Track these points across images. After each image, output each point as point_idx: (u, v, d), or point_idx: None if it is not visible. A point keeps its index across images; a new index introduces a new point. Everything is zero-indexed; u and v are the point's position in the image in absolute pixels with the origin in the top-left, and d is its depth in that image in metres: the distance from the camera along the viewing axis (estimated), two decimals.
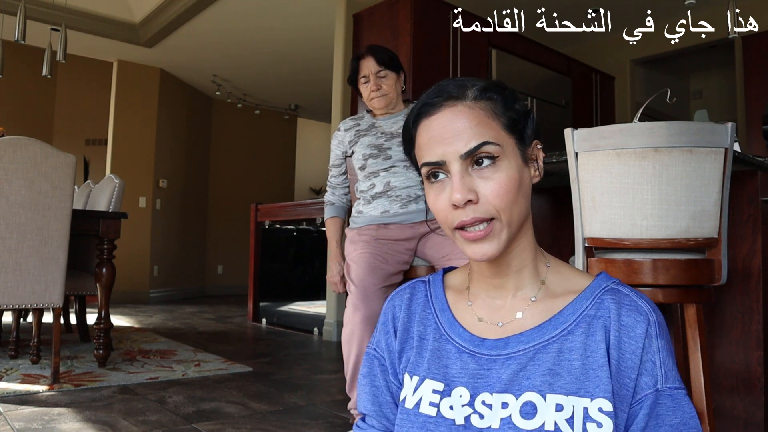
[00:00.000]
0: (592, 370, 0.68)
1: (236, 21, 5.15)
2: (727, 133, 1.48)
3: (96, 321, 3.01)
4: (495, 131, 0.72)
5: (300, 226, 4.78)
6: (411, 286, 0.87)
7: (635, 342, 0.69)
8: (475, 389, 0.72)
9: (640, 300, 0.72)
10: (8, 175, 2.50)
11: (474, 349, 0.75)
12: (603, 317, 0.71)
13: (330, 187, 2.24)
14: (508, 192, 0.71)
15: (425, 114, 0.75)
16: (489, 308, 0.78)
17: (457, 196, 0.70)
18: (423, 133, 0.75)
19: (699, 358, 1.50)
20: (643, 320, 0.70)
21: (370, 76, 2.05)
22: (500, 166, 0.71)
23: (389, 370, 0.83)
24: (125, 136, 6.26)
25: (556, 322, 0.73)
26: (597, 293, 0.73)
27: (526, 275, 0.77)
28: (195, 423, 2.09)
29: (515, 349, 0.72)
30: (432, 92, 0.76)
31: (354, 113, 4.09)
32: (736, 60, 4.88)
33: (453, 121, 0.72)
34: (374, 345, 0.85)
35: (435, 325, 0.80)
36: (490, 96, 0.74)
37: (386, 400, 0.82)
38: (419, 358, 0.78)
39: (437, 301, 0.82)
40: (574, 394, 0.67)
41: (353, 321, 1.87)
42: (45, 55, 4.02)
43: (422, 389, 0.75)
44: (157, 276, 6.45)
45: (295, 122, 8.44)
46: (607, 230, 1.54)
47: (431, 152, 0.73)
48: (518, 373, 0.70)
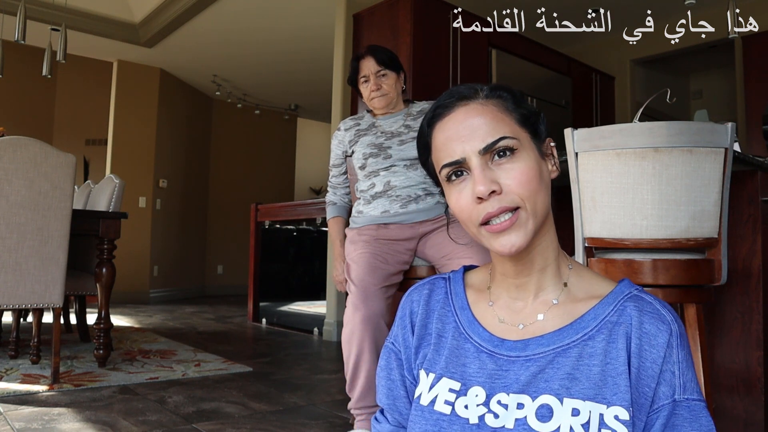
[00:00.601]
0: (611, 377, 0.68)
1: (236, 21, 5.15)
2: (727, 133, 1.48)
3: (96, 321, 3.01)
4: (509, 126, 0.73)
5: (300, 226, 4.78)
6: (431, 282, 0.86)
7: (656, 351, 0.68)
8: (492, 389, 0.72)
9: (663, 309, 0.71)
10: (8, 175, 2.50)
11: (493, 349, 0.74)
12: (625, 324, 0.70)
13: (331, 187, 2.24)
14: (531, 180, 0.71)
15: (439, 116, 0.76)
16: (510, 310, 0.78)
17: (480, 188, 0.70)
18: (439, 134, 0.76)
19: (699, 358, 1.50)
20: (666, 329, 0.69)
21: (370, 76, 2.05)
22: (519, 157, 0.72)
23: (404, 365, 0.83)
24: (125, 136, 6.26)
25: (578, 327, 0.72)
26: (620, 300, 0.73)
27: (548, 275, 0.77)
28: (195, 423, 2.09)
29: (535, 351, 0.72)
30: (443, 96, 0.77)
31: (354, 113, 4.08)
32: (736, 60, 4.88)
33: (468, 119, 0.73)
34: (392, 339, 0.86)
35: (454, 323, 0.79)
36: (500, 94, 0.76)
37: (400, 394, 0.83)
38: (437, 355, 0.78)
39: (457, 299, 0.82)
40: (591, 400, 0.67)
41: (353, 321, 1.87)
42: (45, 55, 4.02)
43: (438, 387, 0.75)
44: (157, 276, 6.45)
45: (295, 122, 8.44)
46: (607, 230, 1.54)
47: (449, 152, 0.73)
48: (537, 375, 0.70)
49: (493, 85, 0.77)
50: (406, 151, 2.02)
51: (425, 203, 2.01)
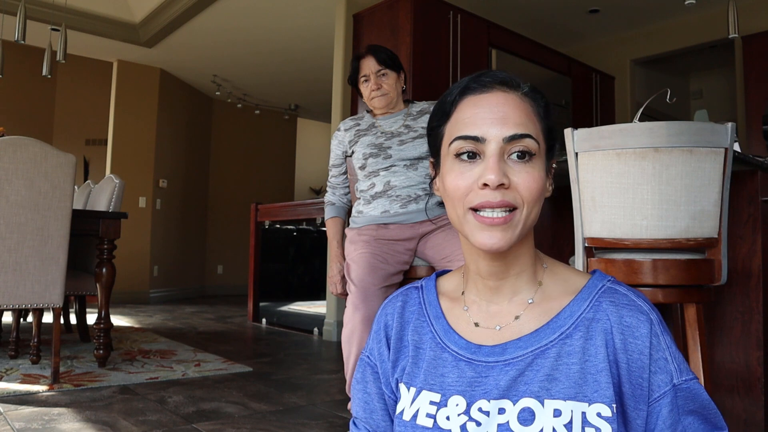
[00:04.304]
0: (590, 375, 0.68)
1: (236, 21, 5.15)
2: (727, 133, 1.48)
3: (96, 321, 3.01)
4: (537, 130, 0.73)
5: (300, 226, 4.78)
6: (403, 293, 0.85)
7: (641, 341, 0.69)
8: (472, 397, 0.71)
9: (639, 299, 0.72)
10: (8, 175, 2.50)
11: (471, 356, 0.74)
12: (602, 320, 0.71)
13: (330, 187, 2.24)
14: (538, 188, 0.71)
15: (474, 90, 0.74)
16: (486, 313, 0.77)
17: (491, 177, 0.69)
18: (467, 108, 0.74)
19: (699, 358, 1.50)
20: (645, 319, 0.70)
21: (370, 76, 2.06)
22: (534, 164, 0.72)
23: (381, 379, 0.82)
24: (125, 136, 6.26)
25: (554, 326, 0.72)
26: (594, 294, 0.73)
27: (523, 279, 0.77)
28: (195, 423, 2.09)
29: (513, 355, 0.72)
30: (482, 74, 0.75)
31: (354, 113, 4.09)
32: (736, 60, 4.88)
33: (504, 105, 0.72)
34: (368, 352, 0.85)
35: (431, 333, 0.79)
36: (537, 98, 0.76)
37: (376, 407, 0.82)
38: (415, 368, 0.77)
39: (431, 308, 0.81)
40: (573, 399, 0.67)
41: (353, 321, 1.87)
42: (45, 55, 4.02)
43: (419, 401, 0.74)
44: (157, 276, 6.45)
45: (295, 122, 8.44)
46: (607, 230, 1.54)
47: (473, 127, 0.72)
48: (516, 379, 0.70)
49: (534, 87, 0.76)
50: (406, 151, 2.02)
51: (425, 203, 2.01)
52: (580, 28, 5.44)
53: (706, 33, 5.02)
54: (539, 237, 2.49)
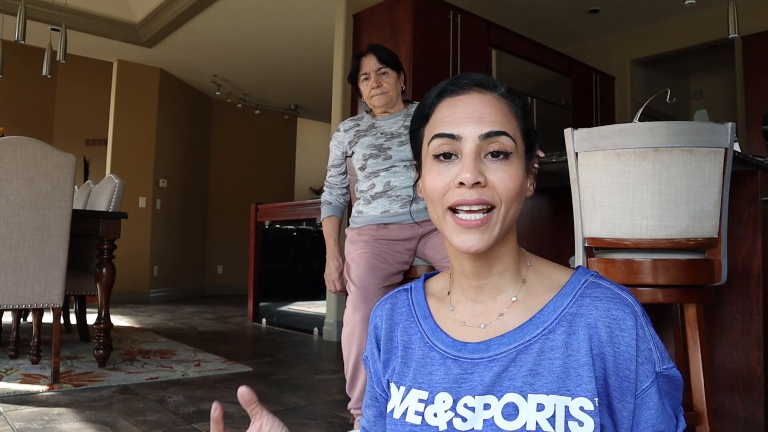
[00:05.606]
0: (573, 369, 0.69)
1: (236, 21, 5.15)
2: (727, 133, 1.48)
3: (96, 321, 3.01)
4: (514, 129, 0.74)
5: (300, 226, 4.78)
6: (393, 296, 0.87)
7: (628, 334, 0.70)
8: (458, 393, 0.72)
9: (623, 292, 0.73)
10: (8, 175, 2.50)
11: (457, 353, 0.75)
12: (585, 315, 0.71)
13: (327, 187, 2.24)
14: (515, 187, 0.72)
15: (451, 92, 0.76)
16: (471, 312, 0.79)
17: (467, 175, 0.70)
18: (445, 108, 0.75)
19: (699, 358, 1.50)
20: (630, 312, 0.71)
21: (370, 74, 2.06)
22: (511, 163, 0.72)
23: (374, 378, 0.85)
24: (125, 136, 6.26)
25: (537, 322, 0.73)
26: (578, 289, 0.74)
27: (507, 278, 0.78)
28: (195, 423, 2.09)
29: (497, 351, 0.73)
30: (459, 77, 0.77)
31: (354, 113, 4.09)
32: (736, 60, 4.88)
33: (481, 105, 0.73)
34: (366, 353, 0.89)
35: (419, 333, 0.80)
36: (514, 99, 0.77)
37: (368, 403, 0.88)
38: (405, 367, 0.79)
39: (419, 309, 0.83)
40: (555, 393, 0.68)
41: (353, 321, 1.87)
42: (45, 55, 4.02)
43: (408, 399, 0.76)
44: (157, 276, 6.45)
45: (295, 122, 8.44)
46: (607, 230, 1.54)
47: (450, 126, 0.73)
48: (500, 375, 0.71)
49: (510, 88, 0.77)
50: (406, 152, 2.02)
51: (425, 204, 2.01)
52: (580, 28, 5.44)
53: (706, 33, 5.02)
54: (540, 237, 2.49)
